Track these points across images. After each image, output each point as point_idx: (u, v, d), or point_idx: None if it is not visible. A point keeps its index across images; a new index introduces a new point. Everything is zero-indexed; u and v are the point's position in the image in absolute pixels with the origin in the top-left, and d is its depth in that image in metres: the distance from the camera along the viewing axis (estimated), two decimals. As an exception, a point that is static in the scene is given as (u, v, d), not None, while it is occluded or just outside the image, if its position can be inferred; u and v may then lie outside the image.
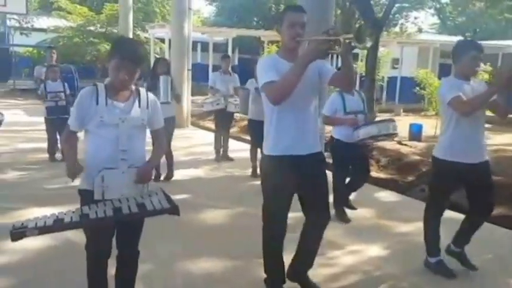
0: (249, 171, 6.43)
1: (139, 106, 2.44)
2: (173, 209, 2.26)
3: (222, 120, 7.30)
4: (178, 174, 6.01)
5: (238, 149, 8.00)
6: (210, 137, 7.59)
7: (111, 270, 2.57)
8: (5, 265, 3.32)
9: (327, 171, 2.94)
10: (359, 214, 4.73)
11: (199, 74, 16.33)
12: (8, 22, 18.82)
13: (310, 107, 2.75)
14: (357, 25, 20.17)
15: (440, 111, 3.66)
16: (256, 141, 6.56)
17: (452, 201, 3.76)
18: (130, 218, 2.24)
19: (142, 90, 2.51)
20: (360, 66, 15.21)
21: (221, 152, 7.37)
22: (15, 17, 19.23)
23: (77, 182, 2.44)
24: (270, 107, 2.65)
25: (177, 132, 6.21)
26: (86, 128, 2.40)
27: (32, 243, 3.21)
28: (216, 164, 7.14)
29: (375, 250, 3.85)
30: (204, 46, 21.18)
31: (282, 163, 2.69)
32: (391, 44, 18.52)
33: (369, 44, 2.65)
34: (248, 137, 9.16)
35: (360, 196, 5.08)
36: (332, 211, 4.44)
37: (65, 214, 2.15)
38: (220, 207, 4.86)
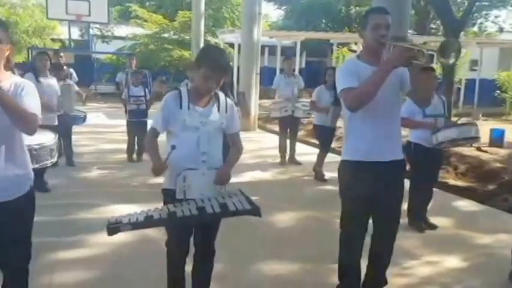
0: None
1: (219, 110, 2.52)
2: (254, 210, 2.31)
3: (289, 125, 7.26)
4: (246, 177, 6.09)
5: (306, 152, 7.97)
6: (277, 140, 7.63)
7: (188, 267, 2.66)
8: (89, 258, 3.55)
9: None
10: (436, 223, 4.52)
11: (267, 77, 16.45)
12: (91, 31, 20.16)
13: (392, 113, 2.68)
14: (432, 26, 19.37)
15: None
16: (324, 146, 6.54)
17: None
18: (214, 217, 2.33)
19: (221, 95, 2.60)
20: (437, 68, 14.55)
21: (287, 156, 7.37)
22: (98, 26, 20.61)
23: (157, 180, 2.54)
24: (349, 113, 2.62)
25: (244, 135, 6.30)
26: (169, 130, 2.52)
27: (114, 238, 3.40)
28: (283, 167, 7.16)
29: (453, 261, 3.67)
30: (272, 50, 21.35)
31: (361, 169, 2.64)
32: (469, 44, 17.52)
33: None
34: (315, 141, 9.17)
35: (437, 205, 4.85)
36: (406, 219, 4.33)
37: (154, 211, 2.27)
38: (289, 210, 4.87)
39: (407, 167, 4.05)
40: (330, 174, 6.37)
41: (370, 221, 2.76)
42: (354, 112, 2.54)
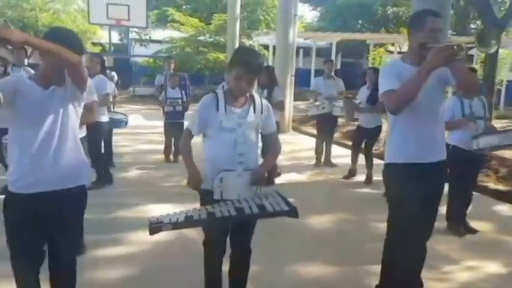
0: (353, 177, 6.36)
1: (255, 111, 2.55)
2: (292, 212, 2.32)
3: (326, 125, 7.25)
4: (281, 179, 6.02)
5: (341, 154, 7.91)
6: (312, 142, 7.61)
7: (225, 267, 2.70)
8: (129, 256, 3.65)
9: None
10: (476, 227, 4.39)
11: (301, 79, 16.42)
12: (129, 35, 20.72)
13: (436, 115, 2.66)
14: (472, 26, 18.79)
15: None
16: (357, 146, 6.49)
17: None
18: (252, 218, 2.36)
19: (257, 96, 2.62)
20: (477, 69, 14.08)
21: (322, 158, 7.34)
22: (136, 30, 21.17)
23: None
24: (394, 115, 2.61)
25: (278, 137, 6.34)
26: (205, 133, 2.57)
27: (152, 237, 3.48)
28: (318, 169, 7.14)
29: (494, 267, 3.57)
30: (306, 51, 21.28)
31: (406, 171, 2.63)
32: (511, 45, 16.86)
33: (494, 49, 2.42)
34: (351, 143, 9.07)
35: (477, 209, 4.72)
36: (444, 223, 4.23)
37: (193, 212, 2.32)
38: (325, 212, 4.85)
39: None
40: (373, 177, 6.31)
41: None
42: (396, 114, 2.54)
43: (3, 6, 18.33)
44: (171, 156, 7.30)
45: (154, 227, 2.17)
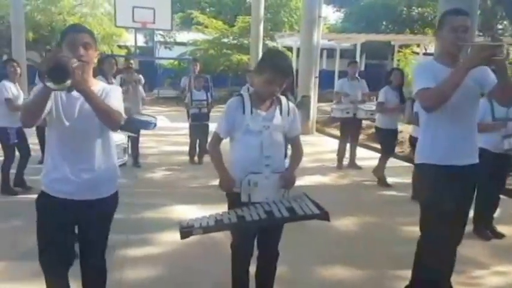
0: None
1: (281, 114, 2.55)
2: (323, 215, 2.32)
3: (350, 128, 7.22)
4: (305, 181, 6.07)
5: (366, 157, 7.84)
6: (335, 143, 7.57)
7: (252, 269, 2.70)
8: (157, 256, 3.71)
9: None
10: (504, 232, 4.30)
11: (325, 80, 16.33)
12: (155, 37, 20.98)
13: (469, 116, 2.62)
14: (499, 26, 18.29)
15: None
16: (387, 150, 6.41)
17: None
18: (283, 221, 2.36)
19: (283, 99, 2.62)
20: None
21: (344, 160, 7.29)
22: (161, 32, 21.43)
23: (217, 182, 2.62)
24: (427, 114, 2.59)
25: (302, 138, 6.28)
26: (232, 136, 2.57)
27: (179, 237, 3.53)
28: (342, 171, 7.10)
29: (524, 273, 3.48)
30: (330, 52, 21.15)
31: (437, 172, 2.59)
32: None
33: None
34: (376, 145, 8.97)
35: (505, 213, 4.62)
36: (470, 227, 4.15)
37: (222, 215, 2.34)
38: (350, 215, 4.82)
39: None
40: (393, 179, 6.25)
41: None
42: (430, 112, 2.50)
43: (33, 11, 18.82)
44: (196, 158, 7.38)
45: (186, 231, 2.19)
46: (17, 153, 5.39)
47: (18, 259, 3.47)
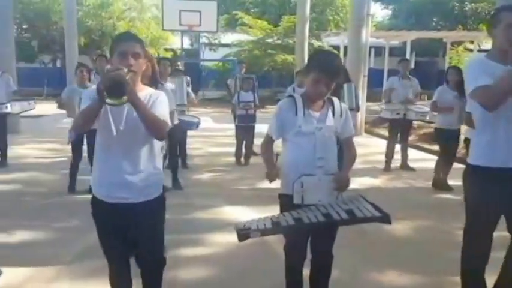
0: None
1: (333, 115, 2.50)
2: (385, 218, 2.23)
3: (401, 129, 6.97)
4: (355, 183, 5.86)
5: (418, 158, 7.55)
6: (385, 145, 7.32)
7: (305, 272, 2.64)
8: (209, 256, 3.71)
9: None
10: None
11: (373, 79, 15.96)
12: (200, 39, 21.29)
13: None
14: None
15: None
16: (446, 152, 6.07)
17: None
18: (342, 224, 2.29)
19: (336, 100, 2.56)
20: None
21: (393, 162, 7.04)
22: (206, 34, 21.73)
23: (264, 184, 2.57)
24: (482, 114, 2.44)
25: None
26: (284, 137, 2.54)
27: (230, 238, 3.49)
28: (393, 173, 6.86)
29: None
30: (378, 50, 20.66)
31: (490, 175, 2.45)
32: None
33: None
34: (428, 146, 8.63)
35: None
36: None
37: (278, 218, 2.29)
38: (404, 218, 4.62)
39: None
40: (449, 182, 5.95)
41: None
42: (490, 111, 2.36)
43: (84, 16, 19.58)
44: (242, 159, 7.36)
45: (243, 233, 2.15)
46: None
47: (78, 258, 3.56)
